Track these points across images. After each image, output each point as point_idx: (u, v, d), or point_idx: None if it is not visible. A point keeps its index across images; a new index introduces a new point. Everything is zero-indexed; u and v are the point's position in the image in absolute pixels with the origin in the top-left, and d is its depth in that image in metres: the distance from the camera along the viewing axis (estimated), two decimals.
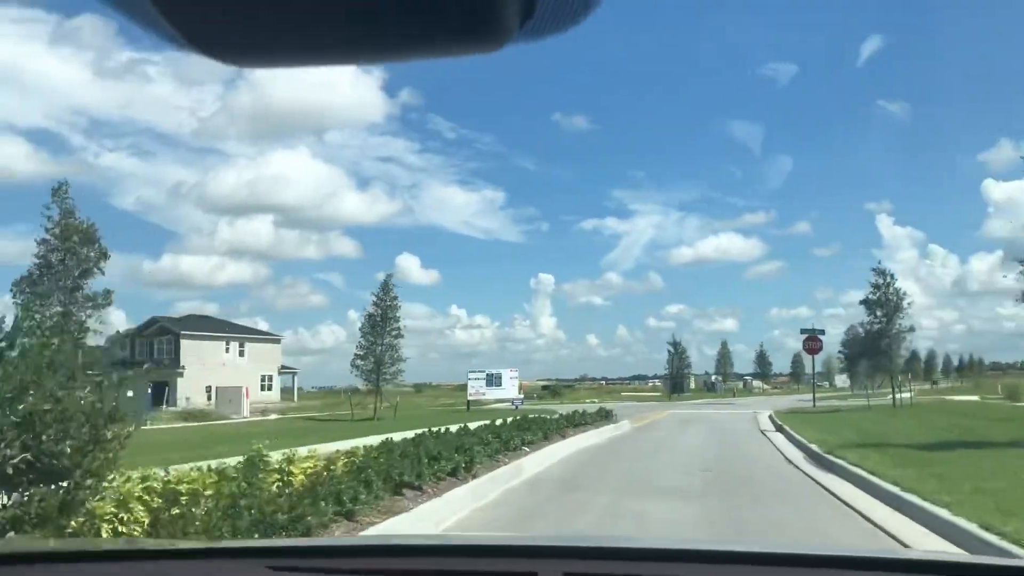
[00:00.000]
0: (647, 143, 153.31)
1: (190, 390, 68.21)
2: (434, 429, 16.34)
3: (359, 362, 36.76)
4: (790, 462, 15.35)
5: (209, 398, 68.23)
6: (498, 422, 18.32)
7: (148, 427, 26.97)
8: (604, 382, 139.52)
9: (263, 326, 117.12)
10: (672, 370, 74.16)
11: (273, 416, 50.03)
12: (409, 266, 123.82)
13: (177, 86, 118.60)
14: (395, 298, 36.33)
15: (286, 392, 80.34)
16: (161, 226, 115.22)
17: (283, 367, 78.69)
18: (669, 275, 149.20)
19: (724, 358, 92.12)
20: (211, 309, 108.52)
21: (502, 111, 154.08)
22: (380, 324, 36.28)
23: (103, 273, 28.72)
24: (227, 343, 73.22)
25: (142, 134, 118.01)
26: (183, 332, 68.64)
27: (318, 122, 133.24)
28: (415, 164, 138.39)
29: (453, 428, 17.04)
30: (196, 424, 36.62)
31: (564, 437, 19.90)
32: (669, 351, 70.50)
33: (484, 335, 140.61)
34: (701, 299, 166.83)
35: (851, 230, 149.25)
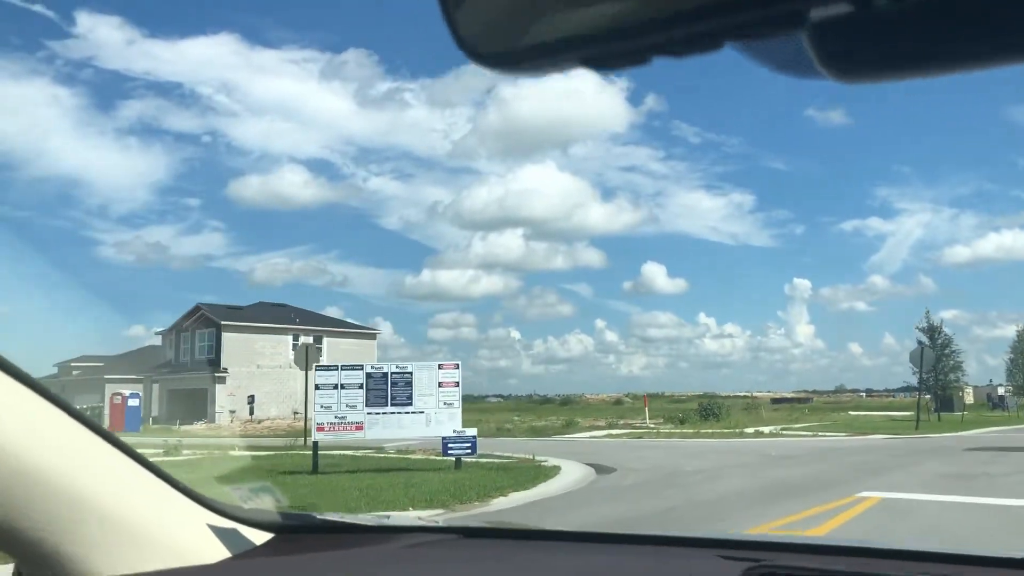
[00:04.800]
0: (913, 135, 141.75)
1: (238, 400, 51.76)
2: None
3: None
4: None
5: (251, 412, 51.34)
6: None
7: None
8: (865, 394, 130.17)
9: (515, 335, 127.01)
10: (932, 375, 46.12)
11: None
12: (655, 274, 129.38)
13: (431, 110, 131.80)
14: None
15: None
16: (421, 243, 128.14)
17: None
18: (942, 277, 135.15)
19: (1023, 359, 60.15)
20: (468, 319, 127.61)
21: (749, 111, 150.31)
22: None
23: None
24: (294, 338, 55.71)
25: (402, 158, 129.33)
26: (225, 323, 51.95)
27: (563, 135, 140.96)
28: (659, 171, 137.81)
29: None
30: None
31: None
32: (921, 344, 40.91)
33: (735, 344, 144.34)
34: (980, 303, 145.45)
35: None
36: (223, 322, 52.06)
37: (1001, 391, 66.59)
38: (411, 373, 14.77)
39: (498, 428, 32.87)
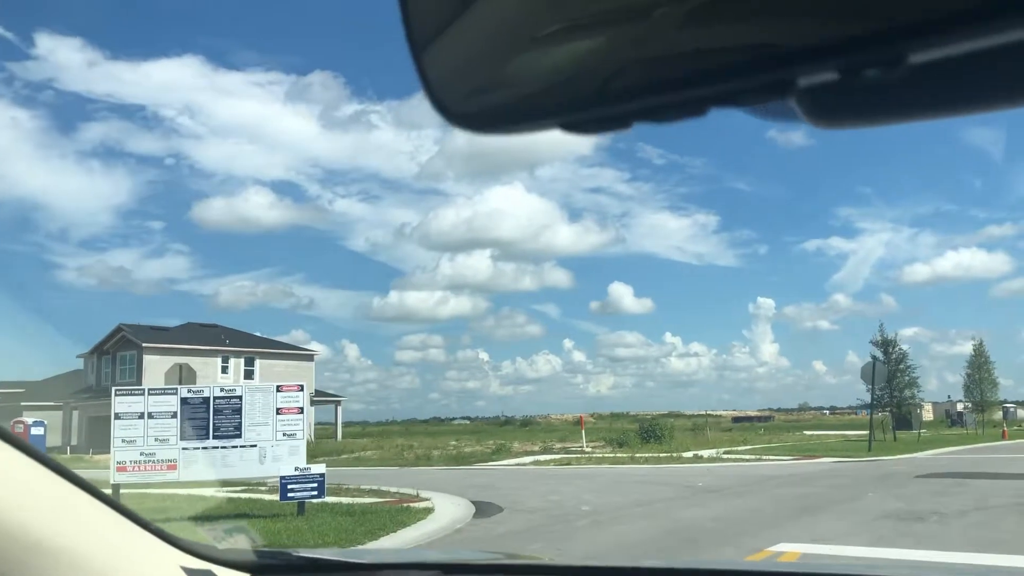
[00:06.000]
0: (873, 156, 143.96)
1: None
2: None
3: None
4: None
5: None
6: None
7: None
8: (828, 412, 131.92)
9: (483, 356, 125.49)
10: (886, 392, 43.84)
11: None
12: (622, 294, 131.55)
13: (397, 131, 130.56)
14: None
15: (323, 428, 58.76)
16: (388, 264, 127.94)
17: (319, 394, 56.98)
18: (903, 295, 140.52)
19: (980, 375, 58.10)
20: (436, 341, 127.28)
21: (712, 133, 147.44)
22: None
23: None
24: (224, 360, 52.47)
25: (369, 180, 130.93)
26: (147, 345, 48.56)
27: (530, 157, 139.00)
28: (624, 193, 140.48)
29: None
30: None
31: None
32: (874, 359, 38.40)
33: (701, 363, 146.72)
34: (940, 320, 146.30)
35: None
36: (144, 344, 48.70)
37: (960, 407, 65.11)
38: (240, 397, 12.02)
39: (417, 457, 30.06)
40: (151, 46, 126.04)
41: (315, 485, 12.06)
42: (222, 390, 12.20)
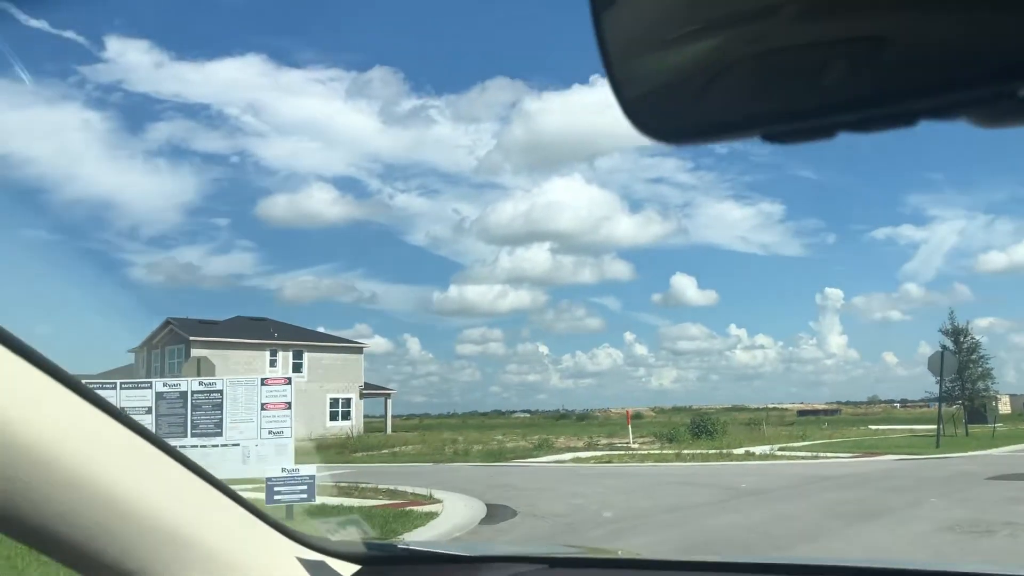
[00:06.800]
0: (943, 141, 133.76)
1: None
2: None
3: None
4: None
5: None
6: None
7: None
8: (900, 405, 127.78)
9: (543, 350, 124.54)
10: (958, 384, 41.11)
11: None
12: (684, 286, 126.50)
13: (456, 125, 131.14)
14: None
15: (374, 421, 58.31)
16: (448, 258, 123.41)
17: (368, 386, 56.60)
18: (978, 284, 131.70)
19: None
20: (496, 334, 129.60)
21: None
22: None
23: None
24: (272, 353, 52.37)
25: (428, 174, 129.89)
26: (194, 338, 48.61)
27: (589, 148, 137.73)
28: (687, 182, 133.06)
29: None
30: None
31: None
32: (943, 348, 35.94)
33: (767, 355, 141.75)
34: (1018, 310, 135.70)
35: None
36: (192, 337, 48.79)
37: None
38: (221, 392, 11.02)
39: (455, 452, 29.01)
40: (215, 46, 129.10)
41: (304, 487, 11.01)
42: (200, 383, 11.23)
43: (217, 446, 10.90)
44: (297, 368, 53.23)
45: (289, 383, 11.43)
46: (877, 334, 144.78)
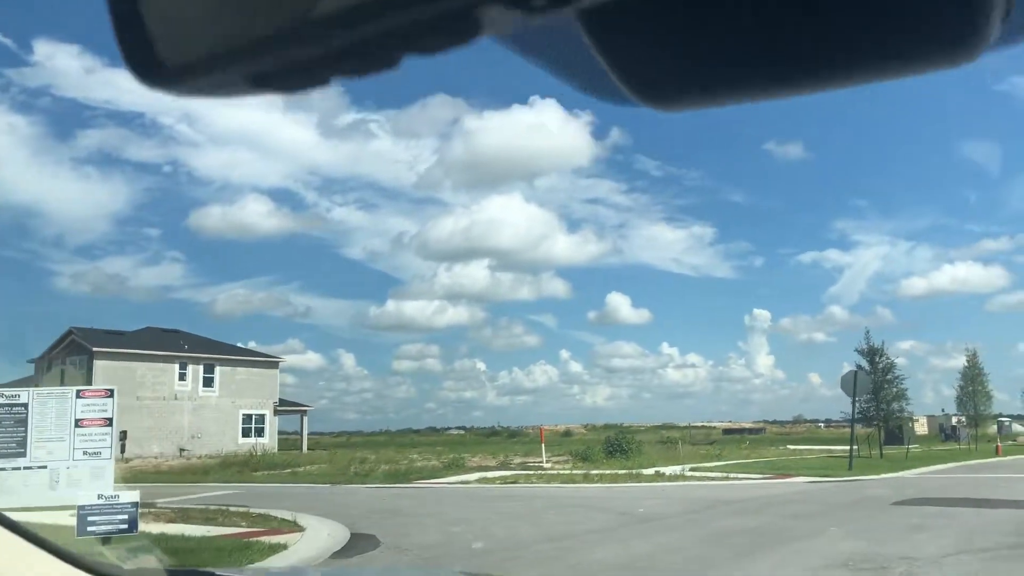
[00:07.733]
0: (870, 169, 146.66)
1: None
2: None
3: None
4: None
5: (122, 450, 45.30)
6: None
7: None
8: (823, 424, 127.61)
9: (480, 366, 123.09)
10: (873, 404, 41.03)
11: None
12: (619, 305, 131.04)
13: (396, 141, 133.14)
14: None
15: (287, 439, 56.09)
16: (386, 273, 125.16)
17: (284, 402, 54.40)
18: (899, 308, 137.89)
19: (973, 387, 55.24)
20: (433, 350, 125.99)
21: (709, 145, 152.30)
22: None
23: None
24: (181, 367, 49.91)
25: (366, 188, 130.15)
26: (98, 350, 45.95)
27: (529, 168, 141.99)
28: (622, 204, 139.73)
29: None
30: None
31: None
32: (858, 368, 33.35)
33: (698, 374, 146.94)
34: (936, 333, 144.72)
35: None
36: (95, 348, 46.11)
37: (954, 421, 62.61)
38: (25, 406, 9.51)
39: (355, 472, 27.50)
40: None
41: (124, 517, 9.60)
42: (3, 396, 9.70)
43: (19, 468, 9.37)
44: (208, 383, 50.98)
45: (111, 396, 9.96)
46: (803, 355, 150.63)
